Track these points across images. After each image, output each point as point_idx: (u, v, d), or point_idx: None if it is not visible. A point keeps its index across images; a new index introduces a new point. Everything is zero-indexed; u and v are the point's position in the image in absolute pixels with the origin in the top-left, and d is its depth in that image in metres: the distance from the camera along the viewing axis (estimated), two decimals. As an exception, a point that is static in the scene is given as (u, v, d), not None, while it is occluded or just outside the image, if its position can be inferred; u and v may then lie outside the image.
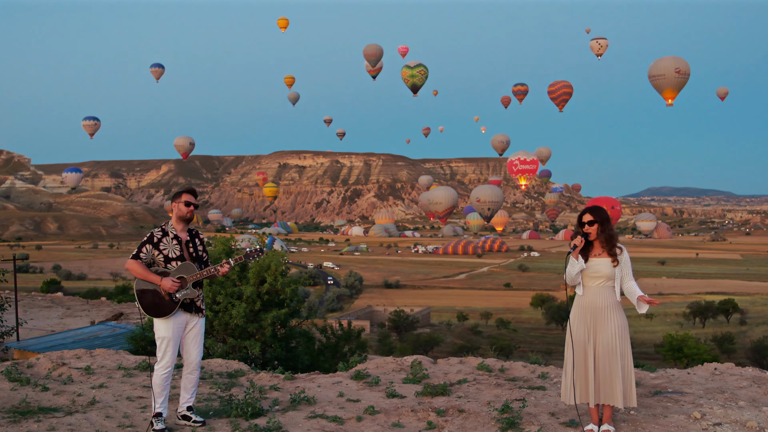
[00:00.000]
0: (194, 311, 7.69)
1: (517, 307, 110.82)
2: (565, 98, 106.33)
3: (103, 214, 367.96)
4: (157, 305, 7.50)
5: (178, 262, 7.60)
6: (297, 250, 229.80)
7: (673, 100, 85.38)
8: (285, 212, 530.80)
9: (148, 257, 7.54)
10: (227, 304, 14.86)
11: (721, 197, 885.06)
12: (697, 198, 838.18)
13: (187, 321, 7.64)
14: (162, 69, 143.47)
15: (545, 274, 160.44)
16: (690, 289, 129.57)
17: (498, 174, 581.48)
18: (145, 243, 7.57)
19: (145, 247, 7.54)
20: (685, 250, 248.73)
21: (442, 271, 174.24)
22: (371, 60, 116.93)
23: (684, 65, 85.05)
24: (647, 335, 79.81)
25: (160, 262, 7.56)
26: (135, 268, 7.50)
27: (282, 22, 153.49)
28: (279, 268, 15.68)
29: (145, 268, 7.47)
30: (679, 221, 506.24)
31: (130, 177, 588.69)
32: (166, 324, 7.50)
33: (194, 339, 7.71)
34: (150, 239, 7.59)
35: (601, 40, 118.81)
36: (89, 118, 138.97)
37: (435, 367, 10.39)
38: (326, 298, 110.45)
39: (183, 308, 7.59)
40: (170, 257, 7.57)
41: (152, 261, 7.58)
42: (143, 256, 7.51)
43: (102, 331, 34.12)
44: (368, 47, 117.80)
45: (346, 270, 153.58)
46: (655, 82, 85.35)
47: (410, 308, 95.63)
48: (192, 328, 7.69)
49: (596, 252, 7.16)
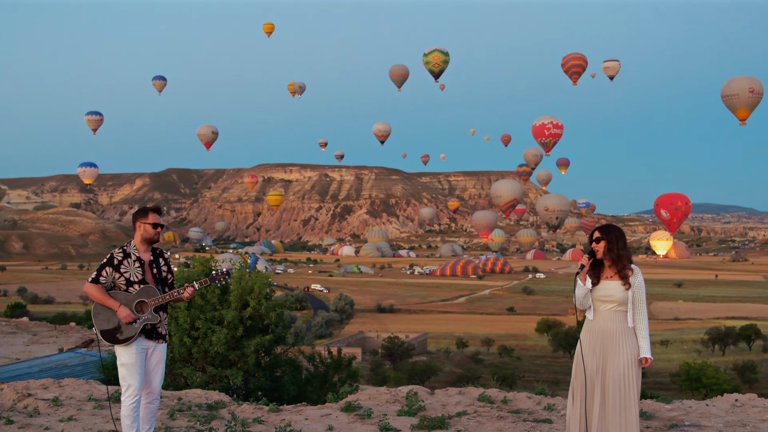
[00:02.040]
0: (155, 337, 7.71)
1: (522, 333, 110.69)
2: (578, 70, 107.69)
3: (72, 233, 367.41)
4: (115, 331, 7.52)
5: (140, 285, 7.62)
6: (282, 271, 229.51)
7: (746, 120, 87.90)
8: (269, 230, 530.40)
9: (108, 280, 7.56)
10: (207, 329, 14.83)
11: (742, 214, 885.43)
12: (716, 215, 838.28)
13: (148, 346, 7.67)
14: (164, 81, 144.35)
15: (552, 298, 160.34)
16: (709, 314, 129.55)
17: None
18: (105, 265, 7.58)
19: (105, 270, 7.55)
20: (703, 272, 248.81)
21: (440, 294, 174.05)
22: (397, 80, 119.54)
23: (758, 85, 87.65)
24: (662, 363, 79.73)
25: (121, 285, 7.58)
26: (93, 293, 7.54)
27: (267, 27, 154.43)
28: (263, 290, 15.65)
29: (103, 292, 7.50)
30: (697, 240, 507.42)
31: (102, 192, 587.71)
32: (128, 350, 7.53)
33: (156, 366, 7.74)
34: (110, 261, 7.60)
35: (612, 62, 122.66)
36: (92, 112, 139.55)
37: (432, 398, 10.39)
38: (314, 323, 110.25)
39: (144, 334, 7.61)
40: (132, 280, 7.60)
41: (113, 284, 7.60)
42: (103, 279, 7.53)
43: (71, 359, 33.98)
44: (394, 68, 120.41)
45: (335, 293, 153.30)
46: (728, 102, 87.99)
47: (405, 334, 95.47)
48: (152, 354, 7.71)
49: (608, 274, 7.19)
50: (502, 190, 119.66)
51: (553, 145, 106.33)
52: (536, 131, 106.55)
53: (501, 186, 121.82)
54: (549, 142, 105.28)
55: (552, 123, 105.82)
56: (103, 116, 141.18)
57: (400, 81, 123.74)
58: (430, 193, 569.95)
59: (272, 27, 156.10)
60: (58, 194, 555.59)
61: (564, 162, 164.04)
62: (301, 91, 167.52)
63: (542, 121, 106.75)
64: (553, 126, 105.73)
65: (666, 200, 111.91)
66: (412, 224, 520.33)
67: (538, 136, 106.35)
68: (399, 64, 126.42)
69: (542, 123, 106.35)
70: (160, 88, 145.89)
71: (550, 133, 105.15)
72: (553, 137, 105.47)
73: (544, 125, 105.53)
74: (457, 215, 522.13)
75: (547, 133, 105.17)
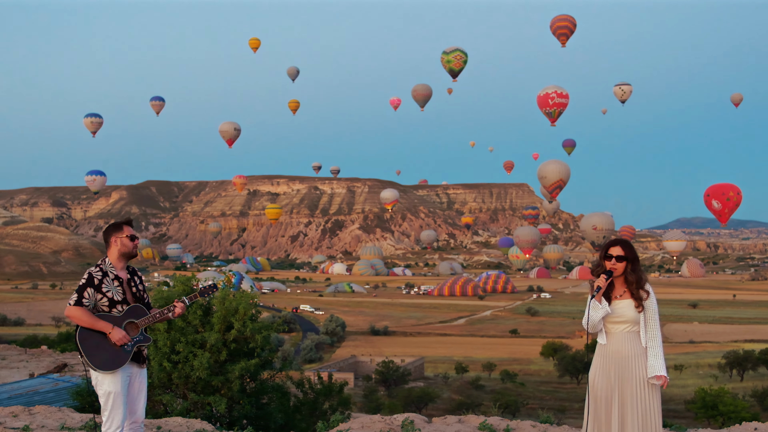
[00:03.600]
0: (141, 361, 7.70)
1: (525, 357, 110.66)
2: (564, 32, 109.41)
3: (43, 249, 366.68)
4: (108, 357, 7.45)
5: (124, 306, 7.58)
6: (269, 291, 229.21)
7: None
8: (255, 247, 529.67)
9: (91, 303, 7.50)
10: (188, 353, 14.80)
11: (762, 229, 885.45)
12: (734, 230, 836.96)
13: (131, 372, 7.63)
14: (162, 102, 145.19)
15: (558, 319, 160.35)
16: (726, 337, 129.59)
17: (503, 202, 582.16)
18: (86, 286, 7.53)
19: (86, 291, 7.50)
20: (720, 291, 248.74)
21: (438, 316, 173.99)
22: (420, 100, 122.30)
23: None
24: (676, 390, 79.72)
25: (103, 306, 7.53)
26: (79, 316, 7.46)
27: (253, 42, 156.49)
28: (248, 311, 15.63)
29: (91, 315, 7.44)
30: (714, 257, 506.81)
31: (76, 206, 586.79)
32: (113, 377, 7.46)
33: (139, 392, 7.73)
34: (90, 281, 7.55)
35: (624, 86, 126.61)
36: (91, 114, 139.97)
37: (430, 427, 10.38)
38: (303, 346, 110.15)
39: (132, 358, 7.57)
40: (115, 300, 7.56)
41: (94, 306, 7.54)
42: (86, 302, 7.47)
43: (42, 385, 33.95)
44: (418, 87, 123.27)
45: (326, 314, 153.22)
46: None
47: (401, 358, 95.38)
48: (136, 379, 7.68)
49: (618, 292, 7.16)
50: (549, 171, 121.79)
51: (558, 115, 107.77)
52: (541, 101, 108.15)
53: (547, 167, 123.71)
54: (554, 111, 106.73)
55: (556, 92, 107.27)
56: (102, 118, 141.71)
57: (423, 101, 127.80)
58: (427, 207, 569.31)
59: (258, 43, 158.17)
60: (28, 208, 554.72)
61: (570, 143, 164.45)
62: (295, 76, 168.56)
63: (546, 91, 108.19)
64: (557, 95, 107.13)
65: (717, 190, 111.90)
66: (408, 240, 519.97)
67: (542, 105, 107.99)
68: (423, 84, 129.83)
69: (546, 93, 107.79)
70: (158, 109, 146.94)
71: (554, 103, 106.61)
72: (557, 106, 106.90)
73: (548, 95, 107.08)
74: (456, 231, 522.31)
75: (551, 102, 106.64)
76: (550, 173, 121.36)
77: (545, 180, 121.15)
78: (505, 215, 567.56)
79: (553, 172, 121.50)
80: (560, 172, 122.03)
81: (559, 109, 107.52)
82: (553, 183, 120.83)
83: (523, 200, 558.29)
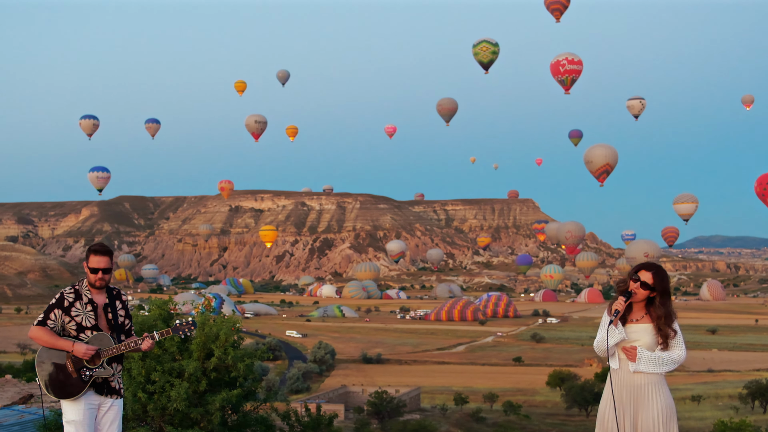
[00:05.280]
0: (107, 392, 7.64)
1: (530, 388, 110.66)
2: (558, 7, 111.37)
3: (8, 270, 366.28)
4: (63, 383, 7.45)
5: (94, 332, 7.54)
6: (252, 315, 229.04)
7: None
8: (237, 267, 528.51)
9: (57, 325, 7.50)
10: (165, 383, 14.75)
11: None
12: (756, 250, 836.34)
13: (100, 403, 7.59)
14: (158, 125, 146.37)
15: (565, 346, 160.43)
16: (747, 365, 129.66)
17: (506, 219, 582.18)
18: (54, 307, 7.53)
19: (53, 312, 7.50)
20: (741, 316, 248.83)
21: (435, 342, 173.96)
22: (445, 114, 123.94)
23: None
24: (693, 422, 79.74)
25: (71, 330, 7.51)
26: (40, 336, 7.48)
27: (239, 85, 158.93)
28: (230, 338, 15.59)
29: (53, 334, 7.45)
30: (734, 279, 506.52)
31: (43, 223, 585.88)
32: (76, 406, 7.48)
33: (110, 425, 7.70)
34: (59, 303, 7.55)
35: (640, 100, 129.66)
36: (87, 116, 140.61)
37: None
38: (289, 375, 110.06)
39: (94, 388, 7.53)
40: (84, 326, 7.53)
41: (62, 330, 7.52)
42: (51, 323, 7.47)
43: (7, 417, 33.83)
44: (443, 101, 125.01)
45: (314, 340, 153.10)
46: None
47: (395, 388, 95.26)
48: (107, 411, 7.64)
49: (636, 316, 7.11)
50: (595, 155, 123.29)
51: (572, 83, 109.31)
52: (553, 69, 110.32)
53: (594, 150, 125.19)
54: (566, 79, 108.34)
55: (567, 59, 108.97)
56: (98, 120, 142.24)
57: (448, 115, 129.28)
58: (423, 224, 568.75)
59: (244, 86, 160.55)
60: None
61: (576, 134, 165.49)
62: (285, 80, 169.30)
63: (557, 58, 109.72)
64: (569, 62, 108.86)
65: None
66: (402, 260, 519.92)
67: (555, 73, 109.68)
68: (448, 98, 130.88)
69: (557, 60, 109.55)
70: (153, 131, 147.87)
71: (565, 70, 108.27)
72: (569, 73, 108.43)
73: (559, 62, 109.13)
74: (456, 250, 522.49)
75: (563, 69, 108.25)
76: (596, 157, 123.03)
77: (591, 165, 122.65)
78: (509, 233, 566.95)
79: (599, 156, 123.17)
80: (607, 156, 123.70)
81: (572, 76, 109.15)
82: (600, 167, 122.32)
83: (528, 217, 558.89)
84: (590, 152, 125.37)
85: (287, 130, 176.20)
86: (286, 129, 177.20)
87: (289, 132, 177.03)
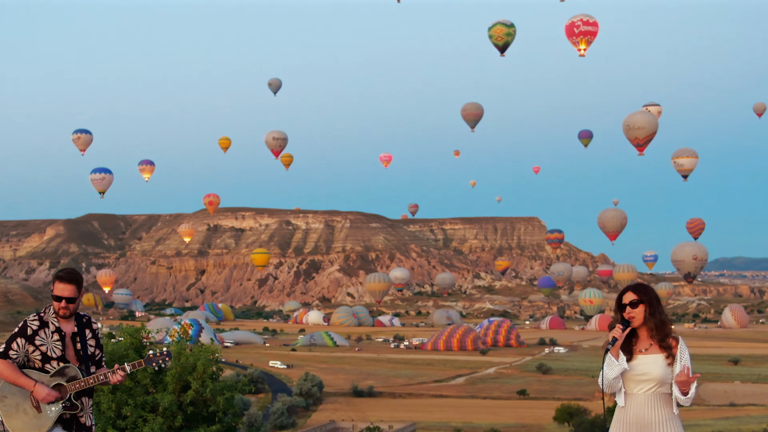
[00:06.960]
0: (75, 429, 7.65)
1: (536, 423, 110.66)
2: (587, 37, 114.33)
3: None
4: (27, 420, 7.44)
5: (60, 363, 7.54)
6: (232, 345, 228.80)
7: None
8: (216, 292, 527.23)
9: (21, 355, 7.49)
10: (137, 418, 14.73)
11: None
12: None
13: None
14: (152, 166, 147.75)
15: (574, 378, 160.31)
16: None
17: (509, 239, 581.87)
18: (17, 336, 7.52)
19: (16, 342, 7.49)
20: (765, 345, 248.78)
21: (432, 374, 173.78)
22: (470, 120, 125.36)
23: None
24: (715, 461, 79.84)
25: (36, 361, 7.50)
26: (1, 370, 7.44)
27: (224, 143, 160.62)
28: (208, 369, 15.57)
29: (15, 369, 7.42)
30: (758, 305, 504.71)
31: (4, 244, 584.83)
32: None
33: (80, 464, 7.67)
34: (22, 331, 7.54)
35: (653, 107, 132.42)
36: (80, 131, 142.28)
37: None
38: (273, 409, 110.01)
39: (61, 425, 7.54)
40: (49, 356, 7.52)
41: (26, 360, 7.52)
42: (13, 354, 7.46)
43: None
44: (468, 106, 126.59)
45: (300, 371, 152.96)
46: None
47: (389, 424, 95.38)
48: None
49: (643, 346, 7.08)
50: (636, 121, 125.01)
51: (588, 44, 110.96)
52: (568, 31, 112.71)
53: (634, 118, 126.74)
54: (580, 40, 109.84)
55: (582, 20, 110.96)
56: (92, 134, 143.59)
57: (473, 120, 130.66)
58: (419, 245, 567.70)
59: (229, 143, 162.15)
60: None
61: (586, 134, 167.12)
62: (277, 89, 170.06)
63: (572, 20, 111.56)
64: (583, 23, 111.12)
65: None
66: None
67: (569, 35, 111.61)
68: (473, 103, 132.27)
69: (572, 21, 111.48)
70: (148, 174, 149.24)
71: (580, 31, 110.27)
72: (584, 35, 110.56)
73: (573, 23, 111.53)
74: (454, 272, 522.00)
75: (577, 31, 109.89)
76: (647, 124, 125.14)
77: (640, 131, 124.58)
78: (512, 254, 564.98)
79: (641, 123, 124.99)
80: (650, 123, 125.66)
81: (587, 38, 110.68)
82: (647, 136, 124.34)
83: (533, 237, 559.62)
84: (631, 119, 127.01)
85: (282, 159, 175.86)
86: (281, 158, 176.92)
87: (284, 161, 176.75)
